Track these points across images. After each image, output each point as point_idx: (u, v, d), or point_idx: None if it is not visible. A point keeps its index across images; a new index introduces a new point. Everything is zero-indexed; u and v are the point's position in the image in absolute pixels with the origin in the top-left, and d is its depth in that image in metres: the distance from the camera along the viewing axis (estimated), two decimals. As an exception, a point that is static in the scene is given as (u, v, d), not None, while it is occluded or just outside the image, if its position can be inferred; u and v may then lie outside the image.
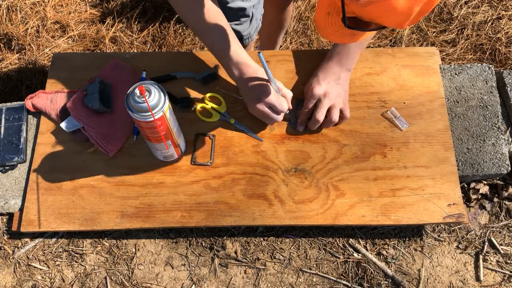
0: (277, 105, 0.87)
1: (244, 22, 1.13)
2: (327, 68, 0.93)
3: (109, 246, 0.94)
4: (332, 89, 0.91)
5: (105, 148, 0.93)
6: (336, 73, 0.93)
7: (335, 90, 0.92)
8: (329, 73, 0.93)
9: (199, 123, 0.97)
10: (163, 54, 1.06)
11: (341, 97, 0.92)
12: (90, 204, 0.90)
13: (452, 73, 1.04)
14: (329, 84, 0.92)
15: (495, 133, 0.98)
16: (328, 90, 0.91)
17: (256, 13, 1.14)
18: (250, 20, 1.14)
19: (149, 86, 0.75)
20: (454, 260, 0.93)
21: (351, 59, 0.94)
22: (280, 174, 0.92)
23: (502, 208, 0.98)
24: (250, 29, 1.17)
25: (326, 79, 0.92)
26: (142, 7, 1.69)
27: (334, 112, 0.91)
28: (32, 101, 0.98)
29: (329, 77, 0.92)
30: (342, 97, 0.93)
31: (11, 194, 0.93)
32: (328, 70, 0.93)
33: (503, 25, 1.58)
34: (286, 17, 1.38)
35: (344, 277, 0.92)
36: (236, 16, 1.09)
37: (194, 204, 0.90)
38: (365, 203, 0.89)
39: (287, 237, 0.95)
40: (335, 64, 0.93)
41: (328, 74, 0.93)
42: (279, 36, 1.48)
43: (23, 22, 1.64)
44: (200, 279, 0.91)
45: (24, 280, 0.91)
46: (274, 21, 1.39)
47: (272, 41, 1.51)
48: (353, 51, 0.94)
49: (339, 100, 0.92)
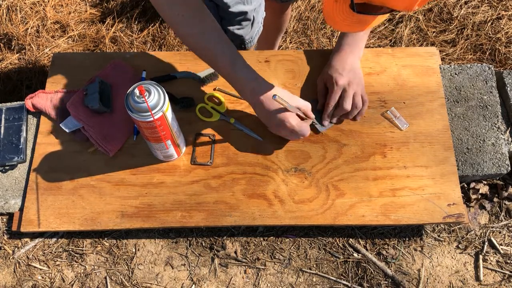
0: (298, 132, 0.87)
1: (246, 26, 1.13)
2: (342, 59, 0.95)
3: (109, 246, 0.94)
4: (352, 77, 0.94)
5: (105, 148, 0.93)
6: (351, 62, 0.95)
7: (355, 78, 0.94)
8: (346, 63, 0.95)
9: (199, 123, 0.97)
10: (163, 54, 1.06)
11: (361, 84, 0.95)
12: (90, 204, 0.90)
13: (452, 73, 1.04)
14: (349, 73, 0.94)
15: (495, 133, 0.98)
16: (350, 79, 0.94)
17: (257, 16, 1.14)
18: (252, 23, 1.14)
19: (148, 86, 0.75)
20: (454, 260, 0.93)
21: (360, 47, 0.98)
22: (280, 174, 0.92)
23: (502, 208, 0.98)
24: (252, 33, 1.17)
25: (345, 69, 0.94)
26: (142, 7, 1.69)
27: (358, 99, 0.94)
28: (32, 101, 0.98)
29: (347, 66, 0.94)
30: (361, 84, 0.96)
31: (11, 194, 0.93)
32: (344, 60, 0.95)
33: (503, 25, 1.58)
34: (284, 20, 1.38)
35: (344, 277, 0.92)
36: (237, 20, 1.09)
37: (194, 204, 0.90)
38: (365, 203, 0.89)
39: (287, 237, 0.95)
40: (348, 54, 0.96)
41: (345, 64, 0.95)
42: (277, 38, 1.48)
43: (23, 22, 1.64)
44: (200, 279, 0.91)
45: (24, 280, 0.91)
46: (273, 24, 1.39)
47: (270, 43, 1.51)
48: (361, 39, 0.97)
49: (360, 87, 0.95)
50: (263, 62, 1.03)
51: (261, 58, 1.03)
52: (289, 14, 1.38)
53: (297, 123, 0.86)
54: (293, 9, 1.70)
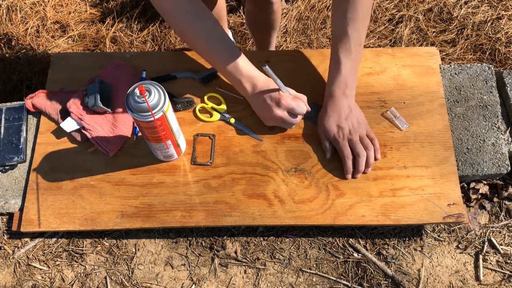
0: (296, 108, 0.88)
1: None
2: (336, 105, 0.91)
3: (109, 246, 0.94)
4: (352, 122, 0.91)
5: (105, 148, 0.93)
6: (346, 106, 0.91)
7: (355, 121, 0.91)
8: (341, 109, 0.91)
9: (199, 123, 0.97)
10: (163, 54, 1.06)
11: (362, 123, 0.92)
12: (90, 204, 0.90)
13: (452, 73, 1.04)
14: (347, 119, 0.90)
15: (495, 133, 0.98)
16: (350, 125, 0.90)
17: None
18: None
19: (149, 86, 0.75)
20: (454, 260, 0.93)
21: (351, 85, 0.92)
22: (280, 174, 0.92)
23: (502, 208, 0.98)
24: None
25: (342, 116, 0.90)
26: (142, 7, 1.69)
27: (365, 140, 0.91)
28: (32, 101, 0.98)
29: (343, 113, 0.90)
30: (364, 123, 0.92)
31: (11, 194, 0.93)
32: (338, 106, 0.91)
33: (503, 25, 1.58)
34: (273, 17, 1.36)
35: (344, 277, 0.92)
36: None
37: (194, 204, 0.90)
38: (365, 203, 0.89)
39: (287, 237, 0.95)
40: (341, 97, 0.91)
41: (340, 110, 0.91)
42: (271, 36, 1.47)
43: (23, 22, 1.64)
44: (200, 279, 0.91)
45: (24, 280, 0.91)
46: (262, 21, 1.38)
47: (265, 41, 1.50)
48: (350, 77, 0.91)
49: (362, 127, 0.92)
50: (264, 62, 1.03)
51: (261, 58, 1.03)
52: (279, 10, 1.36)
53: (293, 99, 0.89)
54: (293, 9, 1.70)
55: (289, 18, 1.67)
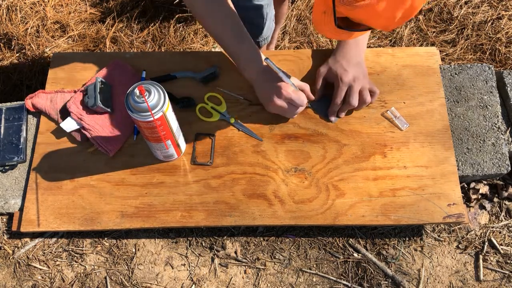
0: (295, 100, 0.89)
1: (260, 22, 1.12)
2: (346, 52, 0.94)
3: (109, 246, 0.94)
4: (358, 72, 0.92)
5: (105, 148, 0.93)
6: (356, 56, 0.94)
7: (361, 72, 0.93)
8: (351, 56, 0.93)
9: (199, 123, 0.97)
10: (163, 54, 1.06)
11: (366, 77, 0.94)
12: (90, 204, 0.90)
13: (452, 73, 1.04)
14: (354, 68, 0.92)
15: (495, 133, 0.98)
16: (355, 74, 0.92)
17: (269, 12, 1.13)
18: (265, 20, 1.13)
19: (149, 86, 0.75)
20: (454, 260, 0.93)
21: (364, 41, 0.96)
22: (280, 174, 0.92)
23: (502, 208, 0.98)
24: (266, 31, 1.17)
25: (350, 63, 0.93)
26: (142, 7, 1.68)
27: (365, 93, 0.93)
28: (32, 101, 0.98)
29: (351, 60, 0.93)
30: (367, 77, 0.95)
31: (11, 194, 0.93)
32: (349, 54, 0.93)
33: (503, 25, 1.58)
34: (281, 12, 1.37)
35: (344, 277, 0.92)
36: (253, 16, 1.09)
37: (194, 204, 0.90)
38: (365, 203, 0.89)
39: (287, 237, 0.95)
40: (353, 47, 0.94)
41: (350, 57, 0.93)
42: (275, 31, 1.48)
43: (23, 22, 1.63)
44: (200, 279, 0.91)
45: (24, 280, 0.91)
46: None
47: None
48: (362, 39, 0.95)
49: (366, 81, 0.94)
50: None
51: (261, 58, 1.03)
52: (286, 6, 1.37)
53: (293, 90, 0.89)
54: (293, 9, 1.70)
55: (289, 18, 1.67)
